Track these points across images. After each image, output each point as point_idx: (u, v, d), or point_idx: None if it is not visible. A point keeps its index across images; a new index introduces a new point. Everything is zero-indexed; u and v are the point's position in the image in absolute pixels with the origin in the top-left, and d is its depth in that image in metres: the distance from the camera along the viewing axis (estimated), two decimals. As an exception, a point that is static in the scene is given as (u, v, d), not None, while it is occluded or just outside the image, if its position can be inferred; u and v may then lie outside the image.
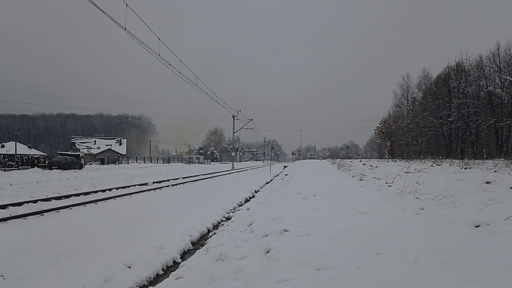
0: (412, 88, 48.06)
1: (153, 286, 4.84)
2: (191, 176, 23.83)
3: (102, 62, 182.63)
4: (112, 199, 11.11)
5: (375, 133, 53.59)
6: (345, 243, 3.83)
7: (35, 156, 42.87)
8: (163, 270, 5.71)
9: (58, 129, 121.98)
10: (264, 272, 3.30)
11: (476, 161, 18.37)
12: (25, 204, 9.46)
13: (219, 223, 9.44)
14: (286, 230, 4.86)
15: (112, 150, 65.73)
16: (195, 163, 76.05)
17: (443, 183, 8.10)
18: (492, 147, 33.98)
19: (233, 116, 43.01)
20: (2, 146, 62.86)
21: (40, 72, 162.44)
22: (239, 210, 10.60)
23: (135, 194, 12.60)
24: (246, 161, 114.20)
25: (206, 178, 22.30)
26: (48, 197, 11.16)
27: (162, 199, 11.44)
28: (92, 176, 19.12)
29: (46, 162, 32.93)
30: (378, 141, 57.15)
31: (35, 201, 9.96)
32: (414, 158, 30.50)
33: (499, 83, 31.46)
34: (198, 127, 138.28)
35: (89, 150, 65.70)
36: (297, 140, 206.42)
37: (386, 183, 9.56)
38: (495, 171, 10.71)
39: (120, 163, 53.30)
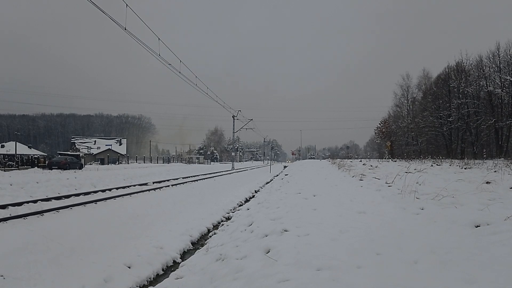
0: (412, 88, 48.19)
1: (153, 286, 4.84)
2: (191, 176, 23.82)
3: (102, 62, 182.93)
4: (112, 199, 11.11)
5: (375, 133, 53.55)
6: (345, 243, 3.82)
7: (35, 156, 42.83)
8: (163, 270, 5.71)
9: (58, 129, 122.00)
10: (264, 272, 3.30)
11: (476, 161, 18.38)
12: (25, 204, 9.46)
13: (219, 223, 9.44)
14: (286, 230, 4.86)
15: (112, 150, 65.73)
16: (195, 163, 76.03)
17: (443, 183, 8.10)
18: (492, 147, 34.00)
19: (233, 116, 43.01)
20: (2, 146, 62.84)
21: (40, 72, 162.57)
22: (239, 210, 10.60)
23: (135, 194, 12.60)
24: (246, 161, 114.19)
25: (206, 178, 22.30)
26: (48, 197, 11.15)
27: (162, 199, 11.44)
28: (92, 176, 19.13)
29: (46, 162, 32.93)
30: (378, 141, 57.11)
31: (35, 201, 9.95)
32: (414, 158, 30.50)
33: (499, 83, 31.46)
34: (198, 127, 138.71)
35: (89, 150, 65.67)
36: (297, 140, 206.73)
37: (386, 183, 9.56)
38: (495, 171, 10.72)
39: (120, 163, 53.30)
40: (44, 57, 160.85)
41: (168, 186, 16.05)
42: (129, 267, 5.34)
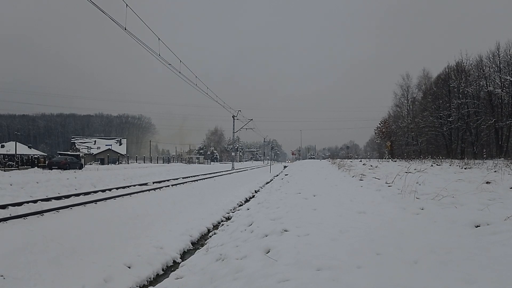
0: (412, 88, 48.20)
1: (153, 286, 4.84)
2: (191, 176, 23.82)
3: (102, 62, 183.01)
4: (112, 199, 11.11)
5: (375, 133, 53.56)
6: (345, 243, 3.82)
7: (35, 156, 42.83)
8: (163, 270, 5.71)
9: (58, 129, 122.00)
10: (264, 272, 3.30)
11: (476, 161, 18.38)
12: (25, 204, 9.45)
13: (219, 223, 9.44)
14: (286, 230, 4.86)
15: (112, 150, 65.73)
16: (195, 163, 76.02)
17: (443, 183, 8.10)
18: (492, 147, 33.98)
19: (233, 116, 43.00)
20: (2, 146, 62.83)
21: (40, 72, 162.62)
22: (239, 210, 10.60)
23: (135, 194, 12.59)
24: (246, 161, 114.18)
25: (206, 178, 22.29)
26: (48, 197, 11.15)
27: (162, 199, 11.44)
28: (92, 176, 19.12)
29: (46, 162, 32.92)
30: (378, 141, 57.09)
31: (35, 201, 9.95)
32: (414, 158, 30.51)
33: (499, 83, 31.46)
34: (198, 127, 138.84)
35: (89, 150, 65.66)
36: (297, 140, 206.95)
37: (386, 183, 9.56)
38: (495, 171, 10.72)
39: (120, 163, 53.30)
40: (44, 57, 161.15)
41: (168, 186, 16.04)
42: (129, 267, 5.33)
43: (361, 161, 29.71)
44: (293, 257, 3.51)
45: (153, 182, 17.75)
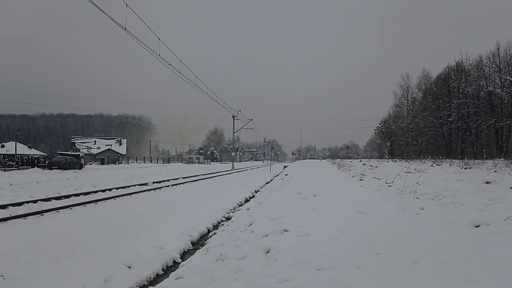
0: (412, 88, 48.19)
1: (153, 286, 4.84)
2: (191, 176, 23.82)
3: (102, 62, 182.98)
4: (112, 199, 11.11)
5: (375, 133, 53.53)
6: (345, 243, 3.82)
7: (35, 156, 42.81)
8: (163, 270, 5.71)
9: (58, 129, 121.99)
10: (264, 272, 3.30)
11: (476, 161, 18.38)
12: (25, 204, 9.45)
13: (219, 223, 9.44)
14: (286, 230, 4.86)
15: (112, 150, 65.73)
16: (195, 163, 76.02)
17: (443, 183, 8.10)
18: (492, 147, 33.97)
19: (233, 116, 43.00)
20: (2, 146, 62.82)
21: (40, 72, 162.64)
22: (239, 210, 10.60)
23: (135, 194, 12.59)
24: (246, 161, 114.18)
25: (206, 178, 22.30)
26: (48, 197, 11.15)
27: (162, 199, 11.44)
28: (92, 176, 19.12)
29: (46, 162, 32.91)
30: (378, 141, 57.07)
31: (35, 201, 9.95)
32: (414, 158, 30.51)
33: (499, 83, 31.45)
34: (198, 127, 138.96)
35: (89, 150, 65.66)
36: (297, 140, 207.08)
37: (386, 183, 9.56)
38: (495, 171, 10.71)
39: (120, 163, 53.30)
40: (44, 57, 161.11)
41: (168, 186, 16.04)
42: (129, 267, 5.33)
43: (361, 161, 29.71)
44: (293, 257, 3.51)
45: (153, 182, 17.75)
